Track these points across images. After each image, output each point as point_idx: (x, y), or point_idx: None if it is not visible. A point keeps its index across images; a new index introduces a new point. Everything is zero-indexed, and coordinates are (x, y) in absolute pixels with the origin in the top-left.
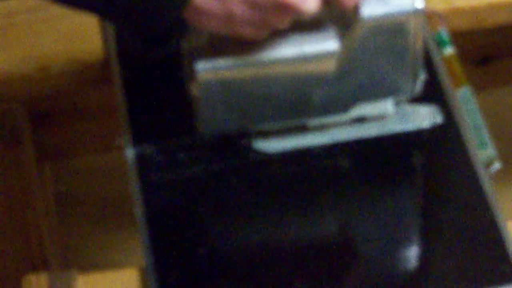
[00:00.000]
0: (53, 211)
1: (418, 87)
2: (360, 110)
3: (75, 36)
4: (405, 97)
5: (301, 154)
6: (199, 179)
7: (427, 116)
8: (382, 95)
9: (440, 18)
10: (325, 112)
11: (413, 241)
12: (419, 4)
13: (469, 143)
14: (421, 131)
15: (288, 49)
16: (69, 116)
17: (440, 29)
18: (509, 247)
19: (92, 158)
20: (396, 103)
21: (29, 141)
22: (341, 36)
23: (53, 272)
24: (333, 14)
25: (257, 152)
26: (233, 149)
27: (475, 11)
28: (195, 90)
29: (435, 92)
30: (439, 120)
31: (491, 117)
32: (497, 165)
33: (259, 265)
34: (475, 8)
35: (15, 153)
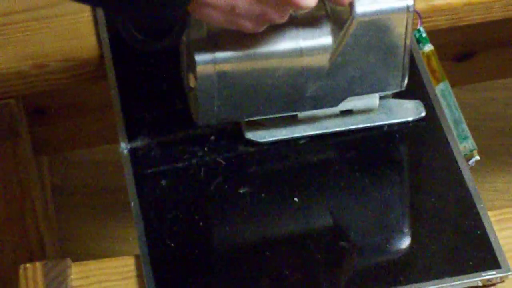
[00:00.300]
0: (50, 202)
1: (406, 82)
2: (348, 103)
3: (70, 34)
4: (393, 92)
5: (292, 144)
6: (192, 171)
7: (411, 110)
8: (373, 89)
9: (419, 16)
10: (318, 105)
11: (398, 230)
12: (410, 2)
13: (450, 136)
14: (404, 124)
15: (284, 43)
16: (65, 111)
17: (419, 26)
18: (489, 234)
19: (87, 151)
20: (381, 97)
21: (26, 135)
22: (335, 32)
23: (49, 261)
24: (328, 10)
25: (249, 142)
26: (228, 141)
27: (453, 9)
28: (193, 81)
29: (416, 87)
30: (423, 114)
31: (469, 111)
32: (477, 157)
33: (252, 255)
34: (452, 6)
35: (12, 147)
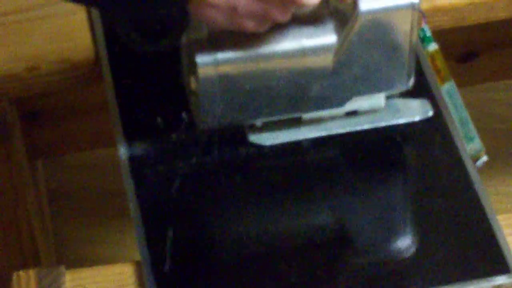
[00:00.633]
0: (45, 206)
1: (412, 81)
2: (353, 104)
3: (64, 35)
4: (398, 91)
5: (296, 147)
6: (194, 173)
7: (418, 109)
8: (378, 89)
9: (422, 15)
10: (322, 106)
11: (405, 232)
12: None
13: (457, 136)
14: (410, 124)
15: (287, 43)
16: (59, 113)
17: (423, 26)
18: (498, 239)
19: (83, 154)
20: (387, 97)
21: (19, 139)
22: (339, 30)
23: (42, 268)
24: (331, 8)
25: (252, 145)
26: (228, 142)
27: (456, 9)
28: (194, 83)
29: (421, 87)
30: (430, 114)
31: (472, 112)
32: (484, 158)
33: (254, 258)
34: (456, 6)
35: (5, 151)
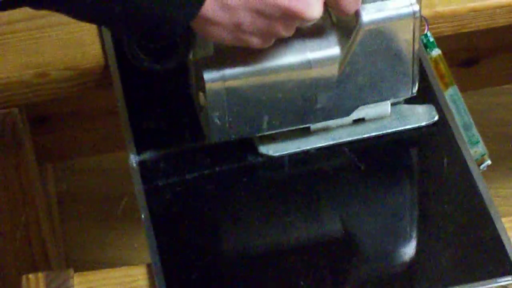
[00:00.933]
0: (54, 210)
1: (417, 88)
2: (360, 112)
3: (73, 43)
4: (403, 98)
5: (303, 154)
6: (203, 180)
7: (423, 114)
8: (384, 97)
9: (425, 21)
10: (329, 116)
11: (411, 235)
12: (416, 7)
13: (461, 141)
14: (415, 130)
15: (292, 56)
16: (68, 118)
17: (426, 31)
18: (503, 241)
19: (92, 159)
20: (393, 103)
21: (29, 144)
22: (342, 42)
23: (51, 271)
24: (334, 20)
25: (261, 155)
26: (237, 152)
27: (457, 15)
28: (203, 99)
29: (424, 92)
30: (436, 119)
31: (474, 117)
32: (488, 162)
33: (263, 264)
34: (457, 13)
35: (15, 155)
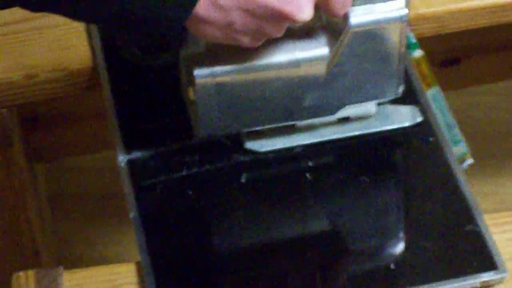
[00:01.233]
0: (45, 209)
1: (402, 89)
2: (346, 111)
3: (62, 44)
4: (389, 99)
5: (289, 152)
6: (191, 177)
7: (407, 115)
8: (369, 97)
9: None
10: (315, 114)
11: (395, 232)
12: (404, 11)
13: (443, 140)
14: (399, 130)
15: (281, 55)
16: (58, 118)
17: (408, 33)
18: (485, 237)
19: (82, 158)
20: (378, 104)
21: (19, 144)
22: (331, 43)
23: (41, 269)
24: (324, 21)
25: (246, 151)
26: (224, 148)
27: (438, 17)
28: (193, 95)
29: (408, 92)
30: (419, 120)
31: (457, 116)
32: (470, 160)
33: (251, 261)
34: (437, 14)
35: (6, 155)
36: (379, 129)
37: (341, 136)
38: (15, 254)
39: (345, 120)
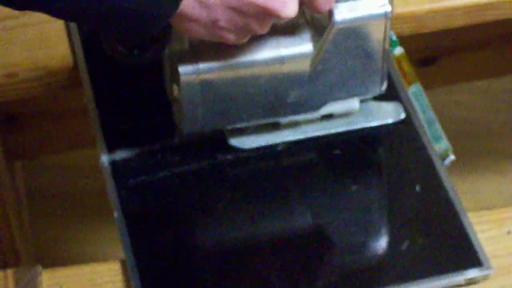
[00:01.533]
0: (24, 208)
1: (385, 86)
2: (329, 107)
3: (42, 43)
4: (372, 95)
5: (272, 149)
6: (174, 174)
7: (391, 112)
8: (353, 94)
9: None
10: (299, 111)
11: (378, 230)
12: (388, 8)
13: (425, 137)
14: (382, 126)
15: (265, 52)
16: (37, 116)
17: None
18: (469, 234)
19: (61, 156)
20: (361, 100)
21: None
22: (315, 40)
23: (19, 268)
24: (308, 18)
25: (229, 149)
26: (208, 145)
27: (416, 17)
28: (177, 91)
29: (389, 89)
30: (402, 116)
31: (436, 113)
32: (452, 157)
33: (235, 257)
34: (414, 14)
35: None
36: (362, 126)
37: (324, 133)
38: None
39: (328, 117)
